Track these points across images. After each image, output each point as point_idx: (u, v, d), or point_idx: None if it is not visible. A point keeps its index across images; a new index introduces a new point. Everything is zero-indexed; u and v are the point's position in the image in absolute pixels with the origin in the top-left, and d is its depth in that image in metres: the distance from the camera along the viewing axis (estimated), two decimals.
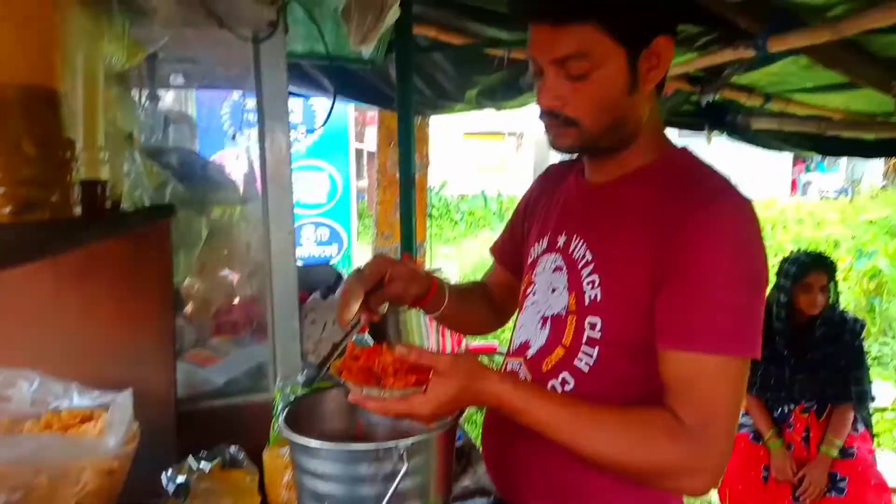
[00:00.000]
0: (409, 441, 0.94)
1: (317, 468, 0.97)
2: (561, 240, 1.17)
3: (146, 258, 1.20)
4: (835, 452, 2.77)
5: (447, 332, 4.01)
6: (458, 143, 16.26)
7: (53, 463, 0.88)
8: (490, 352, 4.77)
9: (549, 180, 1.34)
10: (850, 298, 7.87)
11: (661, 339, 0.99)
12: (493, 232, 13.11)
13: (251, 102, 1.57)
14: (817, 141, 4.19)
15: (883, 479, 2.76)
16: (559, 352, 1.11)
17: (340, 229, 6.50)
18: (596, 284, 1.07)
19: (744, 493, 2.89)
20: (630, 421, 0.98)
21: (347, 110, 6.52)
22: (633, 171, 1.10)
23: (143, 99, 1.65)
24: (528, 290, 1.23)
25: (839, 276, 8.07)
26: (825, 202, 14.28)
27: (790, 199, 14.48)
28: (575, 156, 1.24)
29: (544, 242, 1.22)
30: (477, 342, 5.35)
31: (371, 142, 5.10)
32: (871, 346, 6.73)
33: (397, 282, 1.20)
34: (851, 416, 2.86)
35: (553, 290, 1.15)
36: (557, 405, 0.99)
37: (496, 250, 1.47)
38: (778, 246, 11.37)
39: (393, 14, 1.73)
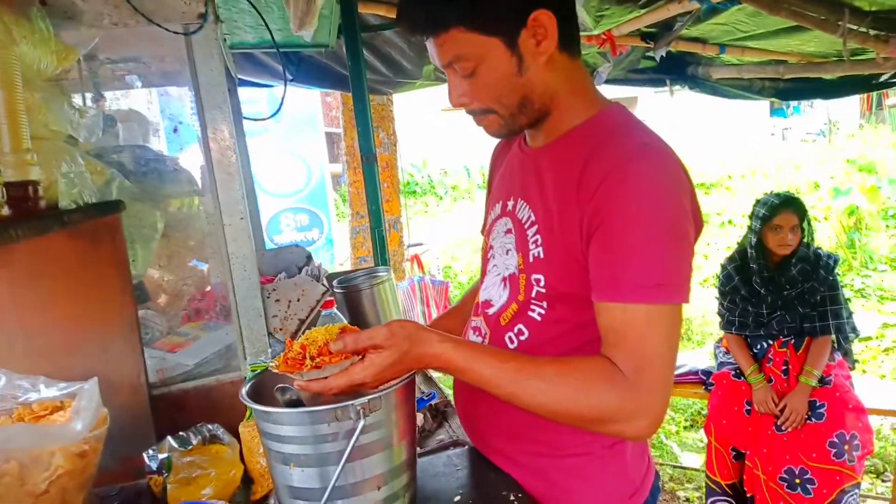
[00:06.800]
0: (364, 398, 0.99)
1: (280, 432, 1.02)
2: (510, 204, 1.22)
3: (99, 253, 1.23)
4: (813, 382, 2.84)
5: (431, 302, 4.05)
6: (437, 118, 16.13)
7: (22, 450, 0.93)
8: None
9: (500, 150, 1.39)
10: (831, 235, 7.98)
11: (594, 293, 1.03)
12: (471, 203, 13.12)
13: None
14: (779, 87, 4.22)
15: (860, 402, 2.82)
16: (514, 307, 1.18)
17: (320, 213, 6.52)
18: (539, 243, 1.12)
19: (728, 426, 2.97)
20: (569, 370, 1.01)
21: (318, 95, 6.51)
22: (564, 133, 1.14)
23: (88, 101, 1.66)
24: (489, 255, 1.29)
25: (820, 214, 8.18)
26: (804, 144, 14.33)
27: (769, 145, 14.50)
28: None
29: (498, 208, 1.27)
30: None
31: None
32: (854, 280, 6.84)
33: None
34: (829, 347, 2.93)
35: (507, 252, 1.21)
36: (498, 361, 1.02)
37: (483, 230, 1.46)
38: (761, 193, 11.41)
39: None
